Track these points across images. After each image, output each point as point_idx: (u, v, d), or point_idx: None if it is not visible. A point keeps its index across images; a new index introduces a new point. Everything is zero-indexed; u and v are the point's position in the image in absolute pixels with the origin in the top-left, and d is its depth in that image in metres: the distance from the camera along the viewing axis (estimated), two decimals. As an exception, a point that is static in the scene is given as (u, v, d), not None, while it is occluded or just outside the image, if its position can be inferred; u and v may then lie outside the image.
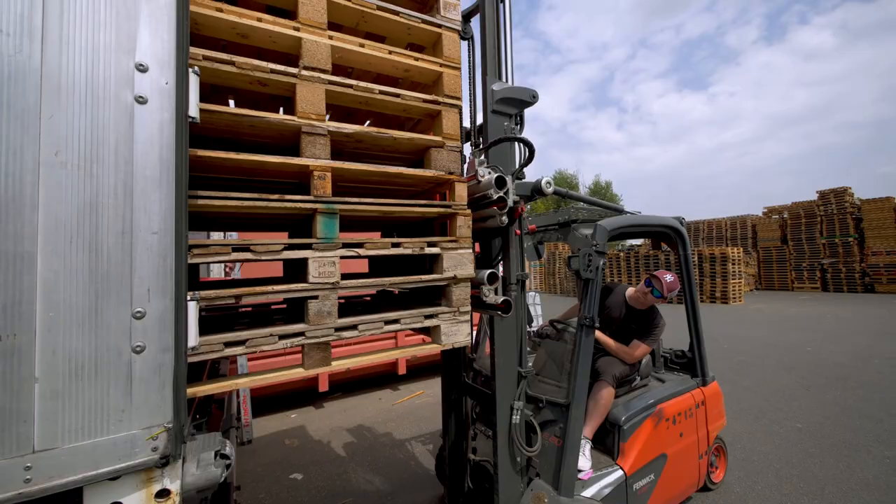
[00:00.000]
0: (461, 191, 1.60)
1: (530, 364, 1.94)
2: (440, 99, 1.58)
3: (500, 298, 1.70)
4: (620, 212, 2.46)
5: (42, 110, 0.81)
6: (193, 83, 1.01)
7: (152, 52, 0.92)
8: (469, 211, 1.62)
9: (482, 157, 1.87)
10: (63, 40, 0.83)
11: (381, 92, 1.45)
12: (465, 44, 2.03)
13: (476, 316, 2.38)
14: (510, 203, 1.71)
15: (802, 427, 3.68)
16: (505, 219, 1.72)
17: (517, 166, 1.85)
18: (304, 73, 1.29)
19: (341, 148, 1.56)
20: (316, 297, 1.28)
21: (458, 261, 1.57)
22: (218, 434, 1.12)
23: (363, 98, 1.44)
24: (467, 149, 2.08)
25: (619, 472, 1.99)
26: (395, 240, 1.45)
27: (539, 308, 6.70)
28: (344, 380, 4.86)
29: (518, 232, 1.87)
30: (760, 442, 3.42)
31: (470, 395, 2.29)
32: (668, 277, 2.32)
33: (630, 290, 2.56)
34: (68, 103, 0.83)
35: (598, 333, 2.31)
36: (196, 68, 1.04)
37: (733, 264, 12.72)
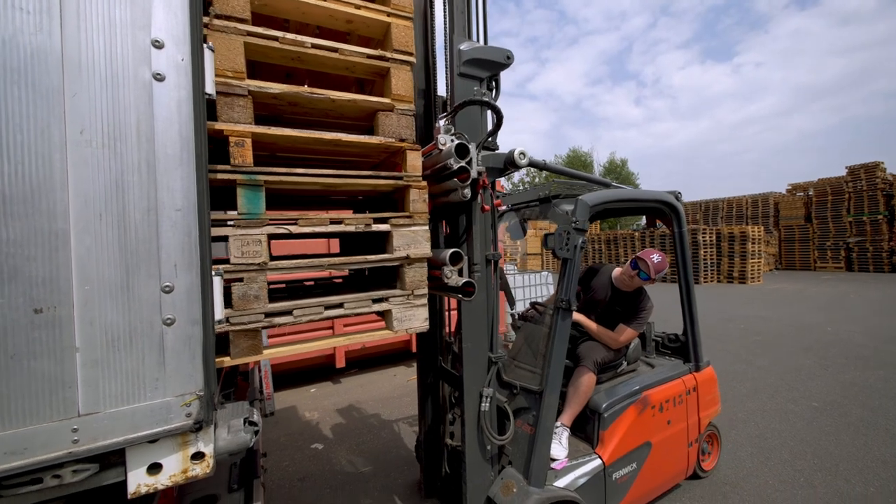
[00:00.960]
0: (414, 160, 1.44)
1: (501, 350, 1.86)
2: (388, 55, 1.38)
3: (463, 280, 1.58)
4: (608, 186, 2.28)
5: (66, 89, 0.82)
6: (209, 59, 1.01)
7: (167, 28, 0.92)
8: (424, 183, 1.46)
9: (449, 125, 1.70)
10: (80, 17, 0.83)
11: (314, 46, 1.26)
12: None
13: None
14: (473, 174, 1.56)
15: (819, 406, 3.65)
16: (467, 192, 1.57)
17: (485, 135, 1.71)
18: (217, 22, 1.12)
19: (278, 113, 1.43)
20: (241, 280, 1.14)
21: (412, 239, 1.42)
22: (245, 403, 1.18)
23: (294, 53, 1.26)
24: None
25: (598, 462, 1.92)
26: (334, 215, 1.32)
27: (551, 288, 6.70)
28: (360, 356, 4.99)
29: (486, 208, 1.73)
30: (775, 420, 3.42)
31: (446, 380, 2.21)
32: (656, 258, 2.17)
33: (616, 271, 2.42)
34: (90, 81, 0.84)
35: (580, 317, 2.24)
36: (210, 44, 1.03)
37: (753, 243, 12.39)
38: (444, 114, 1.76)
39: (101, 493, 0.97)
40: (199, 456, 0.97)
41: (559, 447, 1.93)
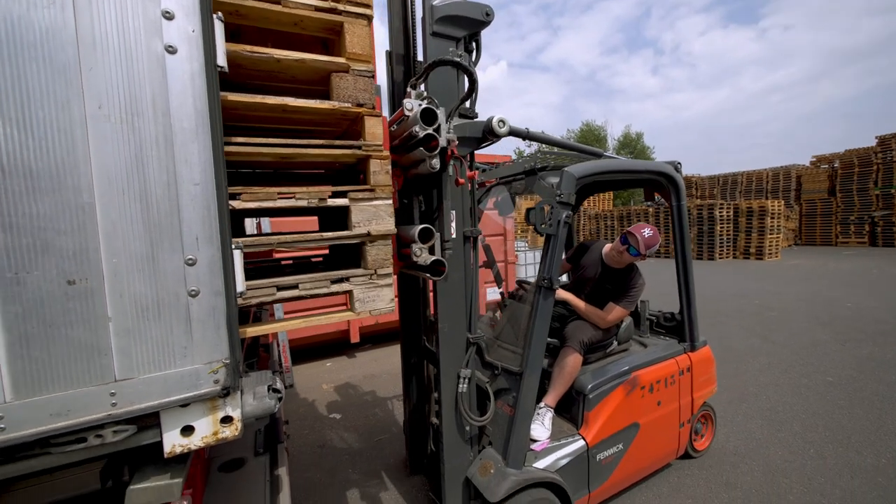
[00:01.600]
0: (374, 127, 1.32)
1: (480, 330, 1.80)
2: (340, 6, 1.23)
3: (433, 259, 1.49)
4: (599, 156, 2.12)
5: (81, 63, 0.82)
6: (219, 30, 1.00)
7: (177, -1, 0.90)
8: (386, 153, 1.34)
9: (422, 91, 1.56)
10: (91, -12, 0.83)
11: None
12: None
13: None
14: (442, 142, 1.45)
15: (833, 381, 3.63)
16: (436, 163, 1.46)
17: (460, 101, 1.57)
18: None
19: (223, 78, 1.19)
20: None
21: (373, 214, 1.33)
22: (268, 372, 1.23)
23: (231, 6, 1.12)
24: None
25: (581, 443, 1.89)
26: (283, 189, 1.21)
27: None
28: (374, 332, 5.11)
29: (461, 181, 1.62)
30: (787, 394, 3.42)
31: (429, 359, 2.18)
32: (647, 232, 2.06)
33: (607, 247, 2.32)
34: (104, 55, 0.84)
35: (568, 295, 2.18)
36: (220, 14, 1.01)
37: (772, 218, 12.04)
38: (414, 77, 1.61)
39: (142, 453, 1.04)
40: (227, 420, 1.02)
41: (541, 428, 1.91)
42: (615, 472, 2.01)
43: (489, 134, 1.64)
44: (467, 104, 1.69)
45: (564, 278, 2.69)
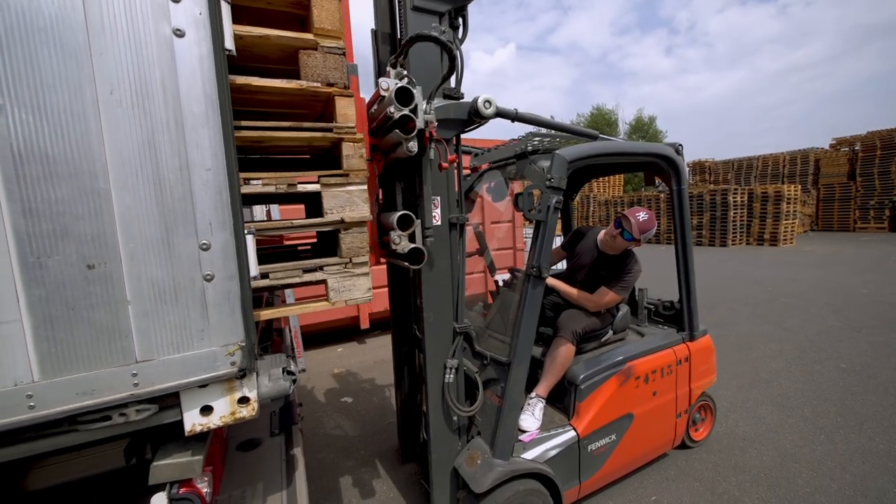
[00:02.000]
0: (345, 108, 1.23)
1: (468, 320, 1.77)
2: None
3: (410, 247, 1.42)
4: (594, 138, 2.01)
5: (91, 47, 0.82)
6: (226, 12, 0.98)
7: (182, -21, 0.89)
8: (360, 136, 1.27)
9: (402, 71, 1.46)
10: (98, -30, 0.82)
11: None
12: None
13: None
14: (419, 124, 1.37)
15: (846, 367, 3.59)
16: (413, 145, 1.37)
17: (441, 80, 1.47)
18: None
19: None
20: None
21: (347, 200, 1.27)
22: (282, 355, 1.25)
23: None
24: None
25: (572, 434, 1.86)
26: (249, 175, 1.16)
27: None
28: (384, 318, 5.16)
29: (444, 165, 1.53)
30: (799, 380, 3.39)
31: (419, 348, 2.07)
32: (641, 216, 1.99)
33: (602, 233, 2.26)
34: (113, 39, 0.84)
35: (558, 283, 2.14)
36: (226, -5, 1.00)
37: (788, 203, 11.74)
38: (394, 55, 1.51)
39: (163, 431, 1.08)
40: (244, 400, 1.05)
41: (531, 419, 1.89)
42: (607, 462, 1.99)
43: (475, 116, 1.56)
44: (452, 84, 1.60)
45: (563, 266, 2.64)
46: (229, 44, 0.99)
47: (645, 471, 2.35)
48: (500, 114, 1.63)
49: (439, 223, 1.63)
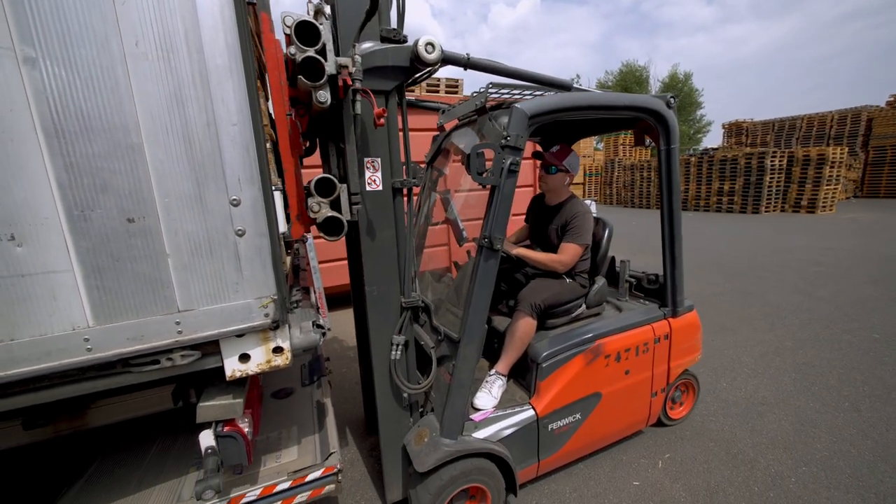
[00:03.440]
0: None
1: (416, 294, 1.64)
2: None
3: (328, 215, 1.25)
4: (568, 88, 1.74)
5: (114, -4, 0.81)
6: (243, -45, 0.94)
7: (198, -81, 0.85)
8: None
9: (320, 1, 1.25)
10: (114, -89, 0.79)
11: None
12: None
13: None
14: (329, 68, 1.14)
15: (879, 337, 3.47)
16: (324, 95, 1.15)
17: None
18: None
19: None
20: None
21: None
22: (311, 310, 1.30)
23: None
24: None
25: (529, 413, 1.78)
26: None
27: (594, 217, 6.45)
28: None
29: (381, 122, 1.31)
30: (826, 349, 3.32)
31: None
32: (554, 148, 1.97)
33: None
34: (134, -12, 0.82)
35: (522, 250, 2.00)
36: (243, -63, 0.95)
37: (831, 167, 10.94)
38: None
39: (206, 377, 1.16)
40: (278, 350, 1.11)
41: (488, 397, 1.82)
42: (570, 441, 1.93)
43: (417, 62, 1.34)
44: (393, 25, 1.37)
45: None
46: (248, -9, 0.96)
47: (659, 431, 2.40)
48: (448, 59, 1.41)
49: (379, 188, 1.45)
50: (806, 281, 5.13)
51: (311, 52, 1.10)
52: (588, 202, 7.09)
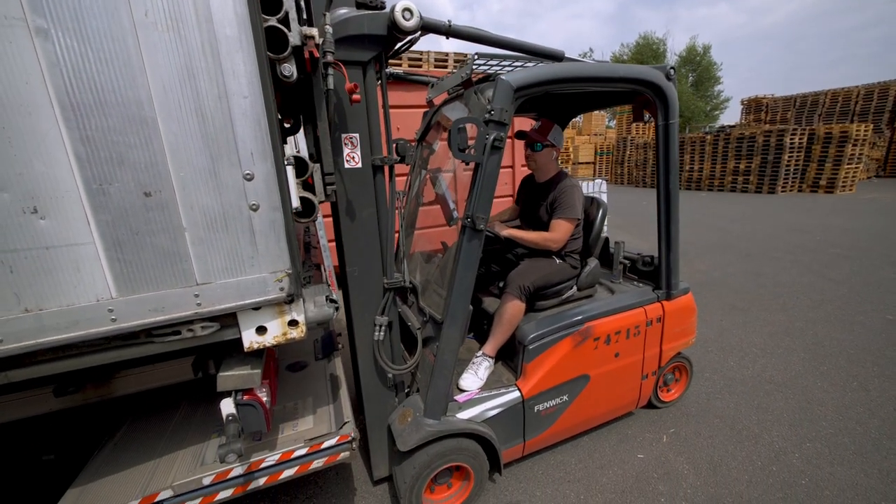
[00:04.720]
0: None
1: (398, 275, 1.61)
2: None
3: (300, 196, 1.20)
4: (559, 59, 1.64)
5: (121, -37, 0.79)
6: (250, -82, 0.91)
7: None
8: None
9: None
10: None
11: None
12: None
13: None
14: (293, 39, 1.06)
15: (893, 318, 3.43)
16: (289, 68, 1.08)
17: None
18: None
19: None
20: None
21: None
22: (325, 285, 1.33)
23: None
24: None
25: (515, 394, 1.78)
26: None
27: (604, 198, 6.36)
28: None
29: (356, 98, 1.22)
30: (837, 330, 3.29)
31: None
32: (536, 124, 1.96)
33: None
34: (141, -46, 0.81)
35: (513, 231, 1.96)
36: None
37: (854, 145, 10.53)
38: None
39: (225, 349, 1.20)
40: (294, 323, 1.14)
41: (473, 378, 1.82)
42: (557, 422, 1.93)
43: (394, 30, 1.24)
44: None
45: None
46: (256, -43, 0.93)
47: (666, 408, 2.43)
48: (428, 27, 1.32)
49: (358, 165, 1.39)
50: (821, 262, 5.05)
51: (272, 21, 1.01)
52: (598, 181, 6.94)
